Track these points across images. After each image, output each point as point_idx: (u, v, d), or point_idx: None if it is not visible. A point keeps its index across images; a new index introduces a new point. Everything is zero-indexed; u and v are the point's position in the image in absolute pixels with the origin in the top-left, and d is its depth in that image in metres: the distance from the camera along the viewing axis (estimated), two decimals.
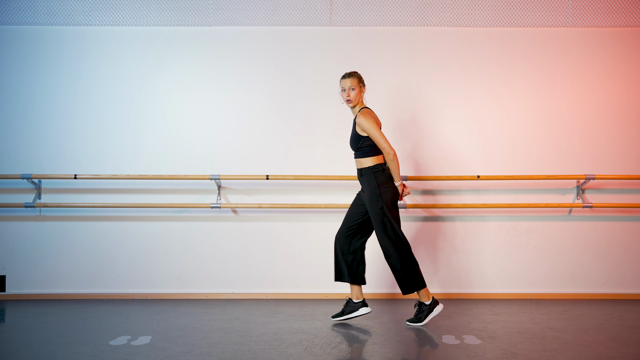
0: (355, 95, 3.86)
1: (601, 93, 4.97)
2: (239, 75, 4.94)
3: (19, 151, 4.87)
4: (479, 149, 4.93)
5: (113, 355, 3.21)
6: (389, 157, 3.81)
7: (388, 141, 3.83)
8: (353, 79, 3.86)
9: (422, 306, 3.88)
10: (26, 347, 3.35)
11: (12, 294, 4.83)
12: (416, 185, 4.90)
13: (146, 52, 4.95)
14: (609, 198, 4.92)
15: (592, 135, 4.95)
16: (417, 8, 5.01)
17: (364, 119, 3.79)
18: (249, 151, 4.91)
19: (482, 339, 3.54)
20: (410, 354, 3.28)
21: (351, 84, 3.85)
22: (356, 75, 3.89)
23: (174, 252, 4.88)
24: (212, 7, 4.98)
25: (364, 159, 3.86)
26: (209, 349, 3.31)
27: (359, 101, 3.90)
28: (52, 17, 4.96)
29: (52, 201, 4.84)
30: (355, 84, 3.86)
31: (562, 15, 5.01)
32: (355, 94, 3.86)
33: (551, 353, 3.26)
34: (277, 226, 4.88)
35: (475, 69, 4.96)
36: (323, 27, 4.99)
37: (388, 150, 3.80)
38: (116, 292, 4.85)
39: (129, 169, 4.87)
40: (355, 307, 4.02)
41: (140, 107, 4.92)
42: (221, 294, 4.87)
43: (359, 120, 3.80)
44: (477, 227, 4.91)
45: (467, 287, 4.90)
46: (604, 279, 4.92)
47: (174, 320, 4.04)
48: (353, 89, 3.85)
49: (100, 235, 4.87)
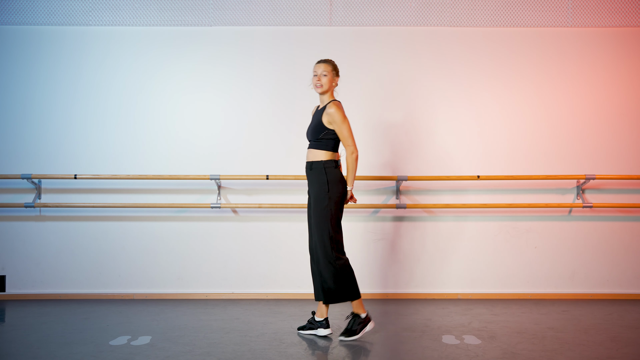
0: (327, 82, 3.67)
1: (601, 93, 4.97)
2: (239, 75, 4.94)
3: (19, 151, 4.87)
4: (479, 149, 4.93)
5: (113, 355, 3.21)
6: (352, 157, 3.62)
7: (355, 140, 3.67)
8: (327, 65, 3.69)
9: (357, 318, 3.61)
10: (26, 347, 3.36)
11: (12, 294, 4.83)
12: (416, 185, 4.90)
13: (146, 52, 4.95)
14: (609, 198, 4.92)
15: (592, 135, 4.95)
16: (417, 8, 5.01)
17: (338, 112, 3.60)
18: (249, 151, 4.91)
19: (482, 339, 3.54)
20: (410, 354, 3.28)
21: (324, 70, 3.67)
22: (331, 63, 3.72)
23: (174, 252, 4.88)
24: (212, 7, 4.98)
25: (319, 151, 3.66)
26: (209, 349, 3.31)
27: (329, 90, 3.71)
28: (52, 17, 4.96)
29: (52, 201, 4.84)
30: (329, 70, 3.68)
31: (562, 15, 5.01)
32: (327, 80, 3.67)
33: (551, 353, 3.26)
34: (277, 226, 4.88)
35: (475, 69, 4.96)
36: (323, 27, 4.99)
37: (353, 149, 3.62)
38: (116, 292, 4.85)
39: (129, 169, 4.87)
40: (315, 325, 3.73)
41: (140, 107, 4.92)
42: (221, 294, 4.87)
43: (331, 111, 3.61)
44: (477, 227, 4.91)
45: (467, 287, 4.90)
46: (604, 279, 4.92)
47: (174, 320, 4.04)
48: (325, 75, 3.67)
49: (100, 235, 4.87)
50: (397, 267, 4.88)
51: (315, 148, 3.68)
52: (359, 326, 3.59)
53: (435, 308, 4.47)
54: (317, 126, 3.68)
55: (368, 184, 4.86)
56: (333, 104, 3.65)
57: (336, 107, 3.63)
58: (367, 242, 4.87)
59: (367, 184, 4.86)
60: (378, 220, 4.88)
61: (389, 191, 4.88)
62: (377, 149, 4.90)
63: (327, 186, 3.59)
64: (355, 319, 3.62)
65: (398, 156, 4.91)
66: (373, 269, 4.85)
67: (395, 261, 4.88)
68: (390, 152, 4.89)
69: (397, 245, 4.89)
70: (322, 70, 3.70)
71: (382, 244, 4.88)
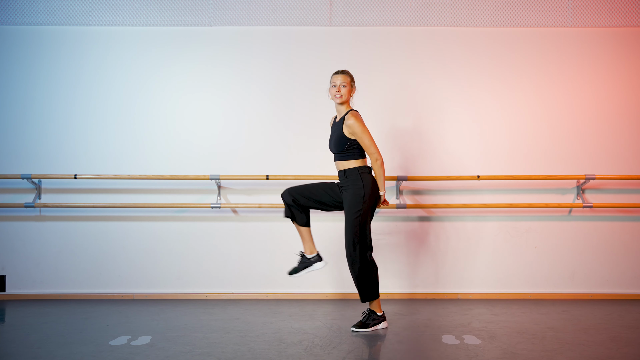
0: (346, 93, 3.76)
1: (601, 93, 4.97)
2: (239, 75, 4.94)
3: (19, 151, 4.87)
4: (479, 149, 4.93)
5: (113, 355, 3.21)
6: (377, 164, 3.72)
7: (377, 147, 3.77)
8: (346, 76, 3.79)
9: (373, 314, 3.81)
10: (26, 347, 3.36)
11: (12, 294, 4.83)
12: (416, 185, 4.90)
13: (146, 52, 4.95)
14: (609, 198, 4.92)
15: (592, 135, 4.95)
16: (417, 8, 5.01)
17: (357, 123, 3.68)
18: (249, 151, 4.91)
19: (482, 339, 3.54)
20: (411, 354, 3.28)
21: (343, 81, 3.76)
22: (349, 74, 3.82)
23: (174, 252, 4.88)
24: (212, 7, 4.98)
25: (349, 161, 3.76)
26: (209, 349, 3.31)
27: (347, 100, 3.80)
28: (52, 17, 4.96)
29: (52, 201, 4.84)
30: (348, 82, 3.78)
31: (562, 15, 5.01)
32: (346, 91, 3.76)
33: (551, 353, 3.26)
34: (277, 226, 4.88)
35: (475, 69, 4.96)
36: (323, 27, 4.99)
37: (377, 156, 3.72)
38: (116, 292, 4.85)
39: (129, 169, 4.87)
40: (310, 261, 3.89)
41: (140, 107, 4.92)
42: (221, 294, 4.87)
43: (351, 123, 3.68)
44: (477, 227, 4.91)
45: (467, 287, 4.90)
46: (604, 279, 4.92)
47: (174, 320, 4.04)
48: (344, 85, 3.76)
49: (100, 235, 4.87)
50: (397, 267, 4.88)
51: (344, 159, 3.77)
52: (372, 322, 3.79)
53: (435, 308, 4.47)
54: (340, 138, 3.76)
55: None
56: (351, 115, 3.72)
57: (355, 117, 3.70)
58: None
59: None
60: (378, 220, 4.88)
61: (389, 191, 4.88)
62: None
63: (363, 191, 3.70)
64: (371, 314, 3.81)
65: (398, 156, 4.91)
66: None
67: (395, 261, 4.88)
68: (390, 151, 4.89)
69: (397, 245, 4.89)
70: (341, 81, 3.78)
71: (382, 244, 4.88)
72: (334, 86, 3.78)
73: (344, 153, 3.76)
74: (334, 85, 3.78)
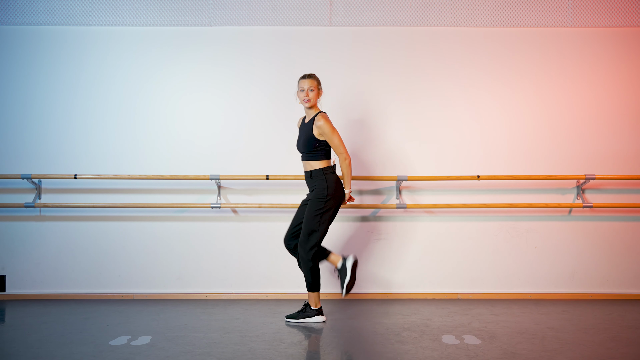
0: (314, 97, 3.96)
1: (601, 93, 4.97)
2: (239, 75, 4.94)
3: (19, 151, 4.87)
4: (479, 149, 4.93)
5: (113, 355, 3.21)
6: (346, 163, 3.93)
7: (345, 147, 3.96)
8: (312, 80, 3.98)
9: (307, 307, 4.03)
10: (26, 347, 3.36)
11: (12, 294, 4.83)
12: (416, 185, 4.90)
13: (146, 52, 4.95)
14: (609, 198, 4.92)
15: (592, 135, 4.95)
16: (417, 8, 5.01)
17: (326, 124, 3.87)
18: (249, 151, 4.91)
19: (482, 339, 3.54)
20: (410, 354, 3.28)
21: (310, 85, 3.96)
22: (315, 78, 4.01)
23: (174, 252, 4.88)
24: (212, 7, 4.98)
25: (315, 161, 3.95)
26: (209, 349, 3.31)
27: (315, 104, 3.99)
28: (52, 17, 4.96)
29: (52, 201, 4.84)
30: (315, 85, 3.97)
31: (562, 15, 5.01)
32: (314, 95, 3.96)
33: (551, 353, 3.26)
34: (277, 226, 4.88)
35: (475, 69, 4.96)
36: (323, 27, 4.99)
37: (346, 156, 3.93)
38: (116, 292, 4.85)
39: (129, 169, 4.87)
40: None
41: (140, 107, 4.92)
42: (221, 294, 4.87)
43: (321, 124, 3.87)
44: (477, 227, 4.91)
45: (467, 287, 4.90)
46: (604, 279, 4.92)
47: (174, 320, 4.04)
48: (312, 89, 3.96)
49: (100, 235, 4.87)
50: (397, 267, 4.88)
51: (311, 160, 3.97)
52: (304, 315, 4.01)
53: (435, 308, 4.47)
54: (309, 139, 3.94)
55: (368, 184, 4.86)
56: (321, 117, 3.92)
57: (324, 119, 3.92)
58: (367, 241, 4.87)
59: (367, 184, 4.86)
60: (378, 220, 4.89)
61: (389, 191, 4.88)
62: (377, 149, 4.90)
63: (327, 191, 3.90)
64: (305, 307, 4.03)
65: (398, 156, 4.91)
66: (373, 268, 4.85)
67: (395, 261, 4.88)
68: (390, 151, 4.89)
69: (397, 245, 4.89)
70: (309, 86, 3.97)
71: (382, 244, 4.88)
72: (302, 90, 3.97)
73: (312, 153, 3.95)
74: (302, 89, 3.97)
